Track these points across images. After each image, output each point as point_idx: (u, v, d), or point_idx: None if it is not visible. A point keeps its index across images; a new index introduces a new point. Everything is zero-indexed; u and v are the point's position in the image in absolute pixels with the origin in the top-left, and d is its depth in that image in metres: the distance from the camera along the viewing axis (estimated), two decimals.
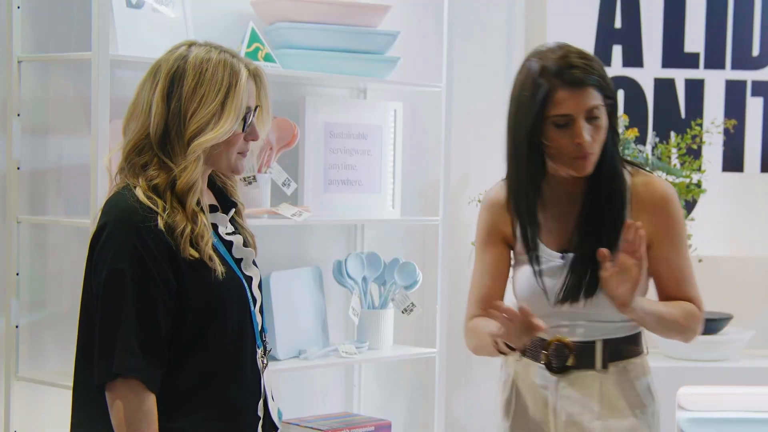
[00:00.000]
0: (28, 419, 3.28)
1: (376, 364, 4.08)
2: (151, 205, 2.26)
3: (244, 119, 2.33)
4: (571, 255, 2.58)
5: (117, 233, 2.24)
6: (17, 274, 3.24)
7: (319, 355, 3.66)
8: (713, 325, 4.14)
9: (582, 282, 2.54)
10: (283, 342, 3.60)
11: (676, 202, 2.61)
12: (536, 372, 2.64)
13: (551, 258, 2.61)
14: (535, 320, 2.40)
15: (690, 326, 2.60)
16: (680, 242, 2.61)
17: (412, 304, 3.83)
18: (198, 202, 2.32)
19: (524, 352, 2.64)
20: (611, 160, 2.56)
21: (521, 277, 2.66)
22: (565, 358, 2.60)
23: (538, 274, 2.61)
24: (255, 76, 2.36)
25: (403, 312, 3.84)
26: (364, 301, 3.83)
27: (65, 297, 3.31)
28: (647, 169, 2.71)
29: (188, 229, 2.27)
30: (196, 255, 2.28)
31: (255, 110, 2.36)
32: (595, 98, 2.50)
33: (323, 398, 3.99)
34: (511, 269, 2.72)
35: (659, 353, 4.19)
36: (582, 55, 2.53)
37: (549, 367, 2.62)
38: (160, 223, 2.25)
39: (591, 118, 2.50)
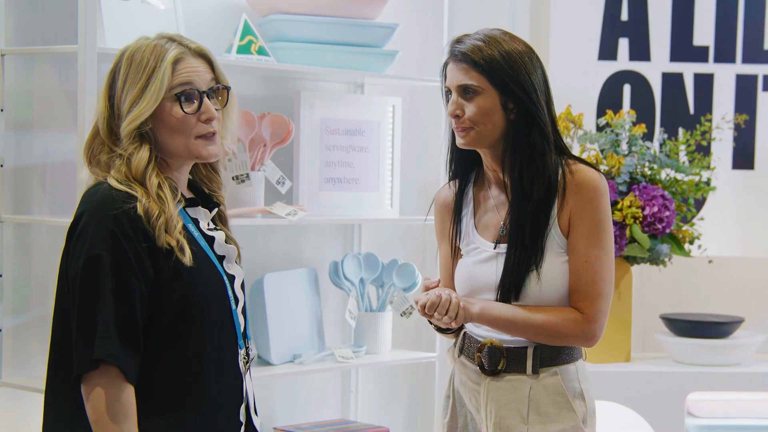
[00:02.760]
0: (12, 426, 3.25)
1: (374, 369, 4.08)
2: (129, 191, 2.29)
3: (179, 99, 2.33)
4: (503, 246, 2.68)
5: (94, 221, 2.26)
6: (0, 276, 3.22)
7: (315, 360, 3.65)
8: (723, 328, 4.11)
9: (512, 273, 2.65)
10: (278, 346, 3.58)
11: (601, 193, 2.65)
12: (471, 372, 2.73)
13: (486, 249, 2.72)
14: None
15: (559, 333, 2.64)
16: (592, 235, 2.64)
17: (411, 307, 3.82)
18: (166, 186, 2.33)
19: (461, 351, 2.76)
20: (531, 151, 2.64)
21: (459, 269, 2.76)
22: (497, 361, 2.68)
23: (474, 264, 2.72)
24: (200, 55, 2.38)
25: (401, 315, 3.83)
26: (361, 304, 3.82)
27: (50, 299, 3.24)
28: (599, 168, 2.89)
29: (162, 217, 2.29)
30: (174, 243, 2.28)
31: (211, 91, 2.37)
32: (471, 78, 2.64)
33: (319, 404, 3.97)
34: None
35: (668, 358, 4.17)
36: (485, 38, 2.66)
37: (482, 369, 2.70)
38: (139, 208, 2.27)
39: (466, 94, 2.65)
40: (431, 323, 2.72)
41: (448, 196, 2.81)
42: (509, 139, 2.65)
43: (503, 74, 2.62)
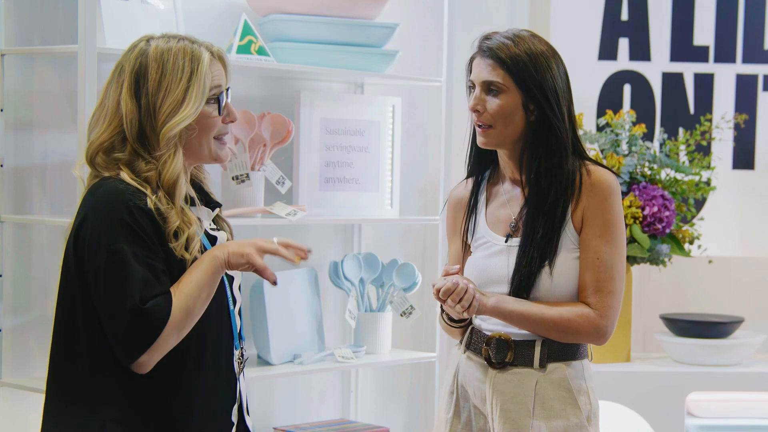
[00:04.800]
0: (12, 426, 3.25)
1: (374, 369, 4.07)
2: (139, 187, 2.30)
3: (218, 101, 2.39)
4: (516, 240, 2.71)
5: (106, 216, 2.27)
6: (0, 276, 3.21)
7: (315, 360, 3.64)
8: (723, 328, 4.10)
9: (524, 269, 2.67)
10: (278, 346, 3.57)
11: (613, 193, 2.69)
12: (477, 366, 2.74)
13: (497, 243, 2.74)
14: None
15: (572, 329, 2.66)
16: (604, 233, 2.67)
17: (411, 307, 3.80)
18: (187, 199, 2.37)
19: (468, 346, 2.77)
20: (548, 154, 2.67)
21: (469, 263, 2.78)
22: (505, 354, 2.70)
23: (484, 258, 2.74)
24: (219, 58, 2.44)
25: (401, 315, 3.82)
26: (361, 304, 3.81)
27: (51, 299, 3.27)
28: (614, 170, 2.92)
29: (185, 233, 2.31)
30: (189, 258, 2.31)
31: (227, 91, 2.44)
32: (496, 75, 2.66)
33: (319, 404, 3.96)
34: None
35: (668, 358, 4.16)
36: (513, 37, 2.68)
37: (489, 362, 2.71)
38: (150, 203, 2.28)
39: (490, 91, 2.68)
40: (442, 314, 2.74)
41: (462, 194, 2.84)
42: (528, 140, 2.68)
43: (528, 76, 2.65)
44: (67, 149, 3.26)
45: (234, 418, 2.42)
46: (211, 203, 2.49)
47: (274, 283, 2.37)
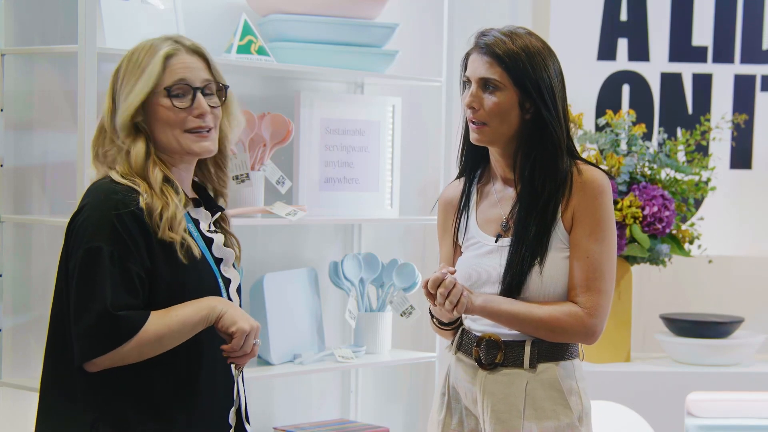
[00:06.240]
0: (12, 426, 3.25)
1: (374, 369, 4.07)
2: (131, 185, 2.32)
3: (168, 92, 2.36)
4: (506, 239, 2.70)
5: (95, 212, 2.29)
6: (0, 276, 3.21)
7: (315, 360, 3.64)
8: (723, 328, 4.10)
9: (515, 268, 2.65)
10: (278, 346, 3.57)
11: (604, 193, 2.67)
12: (468, 367, 2.74)
13: (487, 243, 2.73)
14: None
15: (560, 327, 2.65)
16: (594, 232, 2.66)
17: (411, 307, 3.80)
18: (169, 181, 2.36)
19: (459, 347, 2.76)
20: (543, 154, 2.66)
21: (460, 264, 2.76)
22: (495, 354, 2.69)
23: (475, 258, 2.73)
24: (195, 52, 2.41)
25: (401, 315, 3.82)
26: (361, 304, 3.81)
27: (50, 299, 3.23)
28: (603, 167, 2.91)
29: (167, 212, 2.31)
30: (176, 238, 2.30)
31: (204, 88, 2.39)
32: (493, 73, 2.64)
33: (319, 404, 3.97)
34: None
35: (668, 358, 4.16)
36: (510, 34, 2.66)
37: (479, 363, 2.71)
38: (141, 202, 2.29)
39: (486, 88, 2.66)
40: (432, 319, 2.73)
41: (453, 194, 2.82)
42: (522, 138, 2.67)
43: (524, 75, 2.64)
44: (67, 149, 3.26)
45: (231, 421, 2.41)
46: (213, 207, 2.48)
47: (234, 365, 2.40)
